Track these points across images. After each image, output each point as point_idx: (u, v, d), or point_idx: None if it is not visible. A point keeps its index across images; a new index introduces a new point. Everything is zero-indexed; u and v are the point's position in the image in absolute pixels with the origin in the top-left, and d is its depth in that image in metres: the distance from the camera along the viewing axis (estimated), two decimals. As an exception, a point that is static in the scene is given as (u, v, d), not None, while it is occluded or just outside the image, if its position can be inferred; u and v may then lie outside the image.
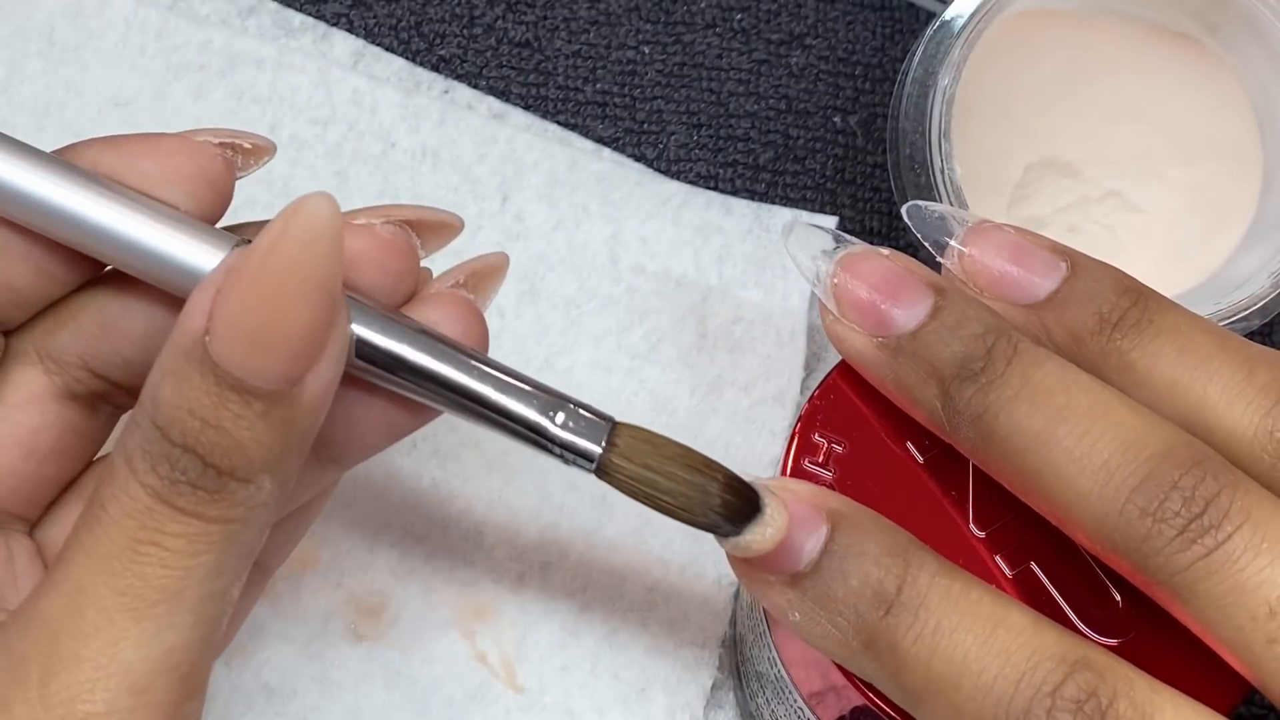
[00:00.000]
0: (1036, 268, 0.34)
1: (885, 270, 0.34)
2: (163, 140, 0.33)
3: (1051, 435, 0.32)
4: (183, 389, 0.29)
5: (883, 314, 0.34)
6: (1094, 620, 0.33)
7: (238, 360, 0.29)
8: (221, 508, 0.29)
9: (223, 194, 0.34)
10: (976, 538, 0.34)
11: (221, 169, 0.34)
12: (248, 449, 0.29)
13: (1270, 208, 0.46)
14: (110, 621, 0.29)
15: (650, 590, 0.44)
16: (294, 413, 0.30)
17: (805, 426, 0.35)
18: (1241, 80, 0.47)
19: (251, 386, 0.29)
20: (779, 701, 0.39)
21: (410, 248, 0.34)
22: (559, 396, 0.33)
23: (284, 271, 0.29)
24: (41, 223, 0.32)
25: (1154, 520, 0.31)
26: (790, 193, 0.49)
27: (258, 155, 0.35)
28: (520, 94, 0.49)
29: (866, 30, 0.50)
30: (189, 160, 0.33)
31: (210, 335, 0.29)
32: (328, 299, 0.29)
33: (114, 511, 0.29)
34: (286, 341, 0.29)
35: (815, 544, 0.32)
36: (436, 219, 0.35)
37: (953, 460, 0.35)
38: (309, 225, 0.29)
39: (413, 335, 0.32)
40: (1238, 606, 0.30)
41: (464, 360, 0.32)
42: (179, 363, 0.29)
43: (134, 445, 0.29)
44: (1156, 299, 0.34)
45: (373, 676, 0.43)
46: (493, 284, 0.36)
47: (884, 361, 0.34)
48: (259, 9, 0.48)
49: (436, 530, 0.44)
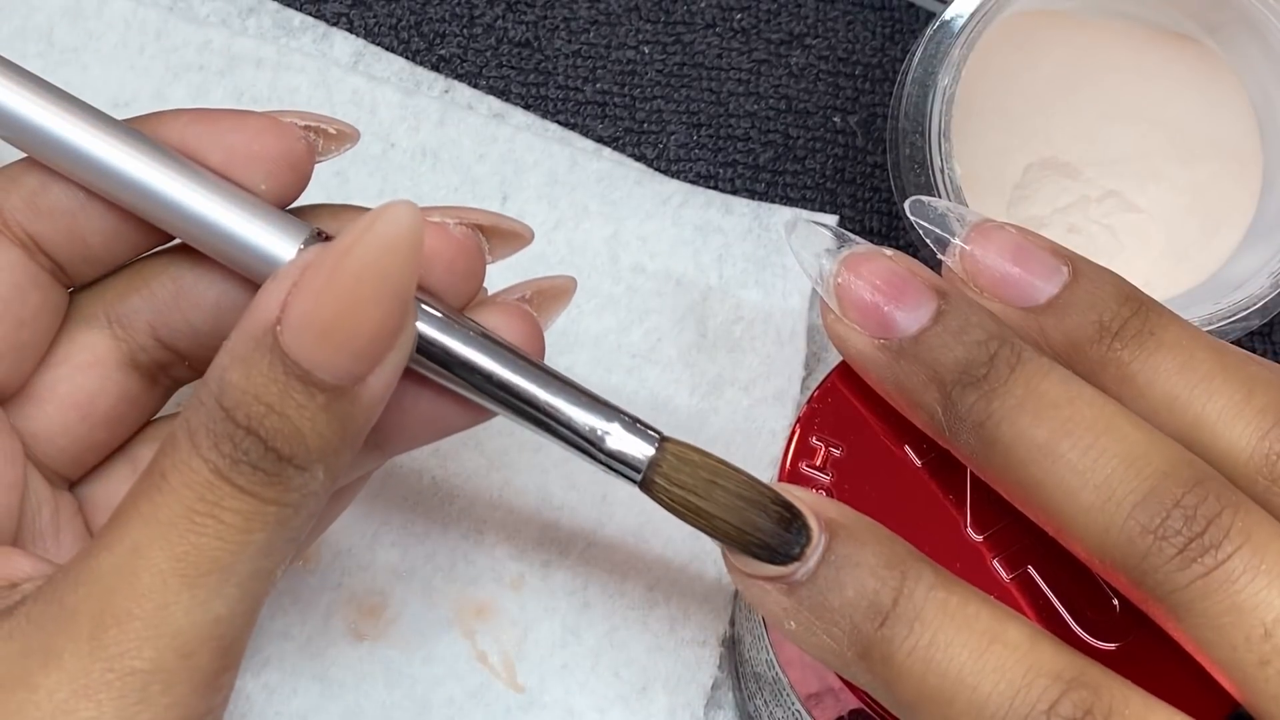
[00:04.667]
0: (1038, 271, 0.34)
1: (889, 271, 0.34)
2: (250, 118, 0.34)
3: (1055, 447, 0.31)
4: (251, 374, 0.30)
5: (885, 315, 0.34)
6: (1091, 624, 0.33)
7: (307, 352, 0.29)
8: (277, 490, 0.30)
9: (302, 176, 0.35)
10: (974, 541, 0.34)
11: (304, 151, 0.35)
12: (307, 438, 0.30)
13: (1270, 208, 0.46)
14: (164, 584, 0.30)
15: (650, 589, 0.44)
16: (354, 408, 0.30)
17: (803, 430, 0.35)
18: (1241, 80, 0.47)
19: (317, 379, 0.30)
20: (776, 703, 0.39)
21: (479, 250, 0.35)
22: (613, 409, 0.33)
23: (361, 273, 0.29)
24: (121, 195, 0.33)
25: (1155, 537, 0.31)
26: (790, 192, 0.49)
27: (340, 141, 0.35)
28: (520, 94, 0.49)
29: (866, 30, 0.50)
30: (275, 140, 0.34)
31: (282, 326, 0.30)
32: (400, 304, 0.30)
33: (175, 482, 0.30)
34: (356, 340, 0.30)
35: (813, 550, 0.31)
36: (509, 227, 0.36)
37: (951, 464, 0.34)
38: (390, 232, 0.29)
39: (473, 337, 0.33)
40: (1234, 627, 0.30)
41: (520, 364, 0.33)
42: (249, 349, 0.30)
43: (198, 422, 0.30)
44: (1157, 310, 0.34)
45: (373, 675, 0.44)
46: (559, 305, 0.37)
47: (885, 364, 0.34)
48: (259, 9, 0.48)
49: (436, 530, 0.45)
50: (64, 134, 0.33)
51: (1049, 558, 0.34)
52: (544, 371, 0.33)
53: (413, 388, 0.34)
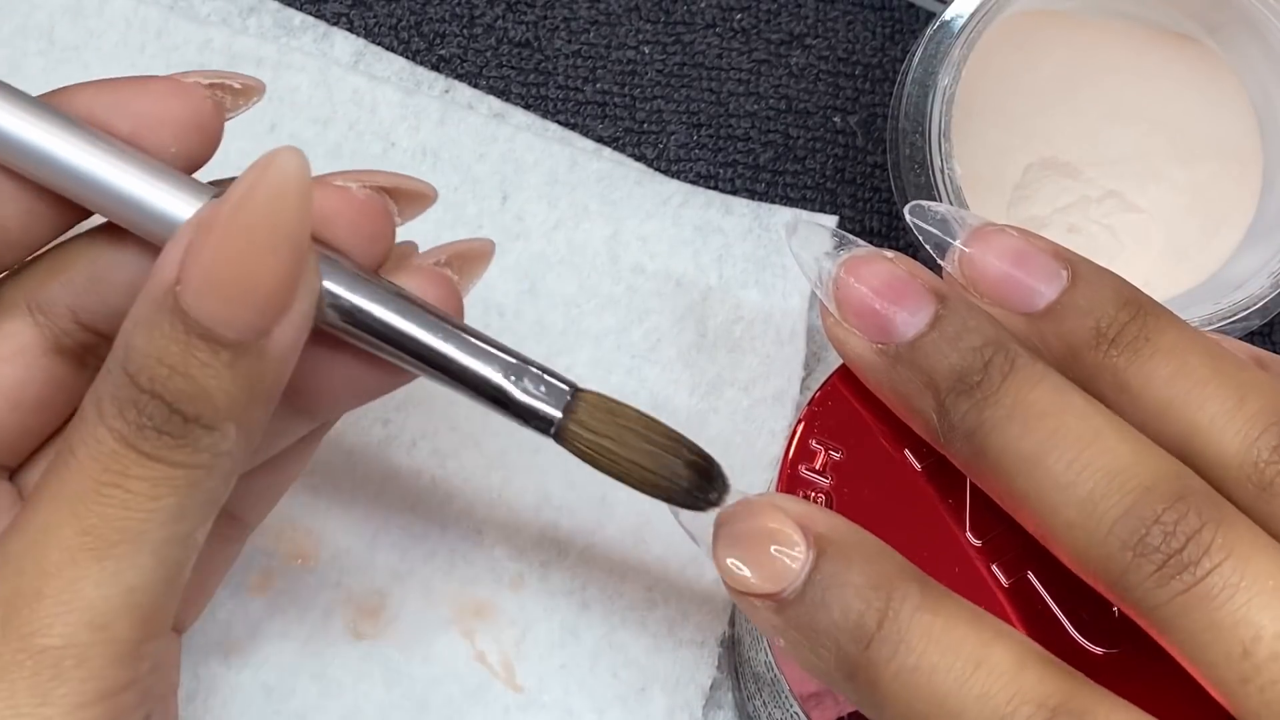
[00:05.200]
0: (1037, 275, 0.34)
1: (888, 274, 0.34)
2: (152, 83, 0.34)
3: (1040, 460, 0.31)
4: (153, 337, 0.30)
5: (883, 320, 0.34)
6: (1090, 630, 0.33)
7: (206, 310, 0.29)
8: (185, 453, 0.30)
9: (212, 136, 0.34)
10: (973, 546, 0.34)
11: (211, 111, 0.34)
12: (214, 397, 0.30)
13: (1270, 208, 0.46)
14: (72, 560, 0.30)
15: (650, 589, 0.44)
16: (261, 363, 0.30)
17: (803, 432, 0.35)
18: (1241, 80, 0.47)
19: (219, 336, 0.30)
20: (775, 703, 0.39)
21: (385, 211, 0.34)
22: (523, 360, 0.33)
23: (253, 224, 0.29)
24: (27, 167, 0.33)
25: (1134, 554, 0.30)
26: (790, 193, 0.49)
27: (247, 95, 0.35)
28: (520, 94, 0.49)
29: (866, 30, 0.50)
30: (179, 103, 0.34)
31: (181, 285, 0.29)
32: (296, 252, 0.30)
33: (81, 455, 0.30)
34: (255, 293, 0.30)
35: (801, 569, 0.31)
36: (412, 187, 0.35)
37: (951, 468, 0.34)
38: (278, 179, 0.29)
39: (381, 294, 0.33)
40: (1213, 645, 0.30)
41: (429, 319, 0.33)
42: (150, 311, 0.30)
43: (104, 391, 0.30)
44: (1155, 313, 0.33)
45: (372, 675, 0.44)
46: (477, 268, 0.36)
47: (882, 369, 0.34)
48: (259, 8, 0.48)
49: (436, 530, 0.45)
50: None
51: (1048, 563, 0.33)
52: (453, 326, 0.33)
53: (327, 350, 0.34)
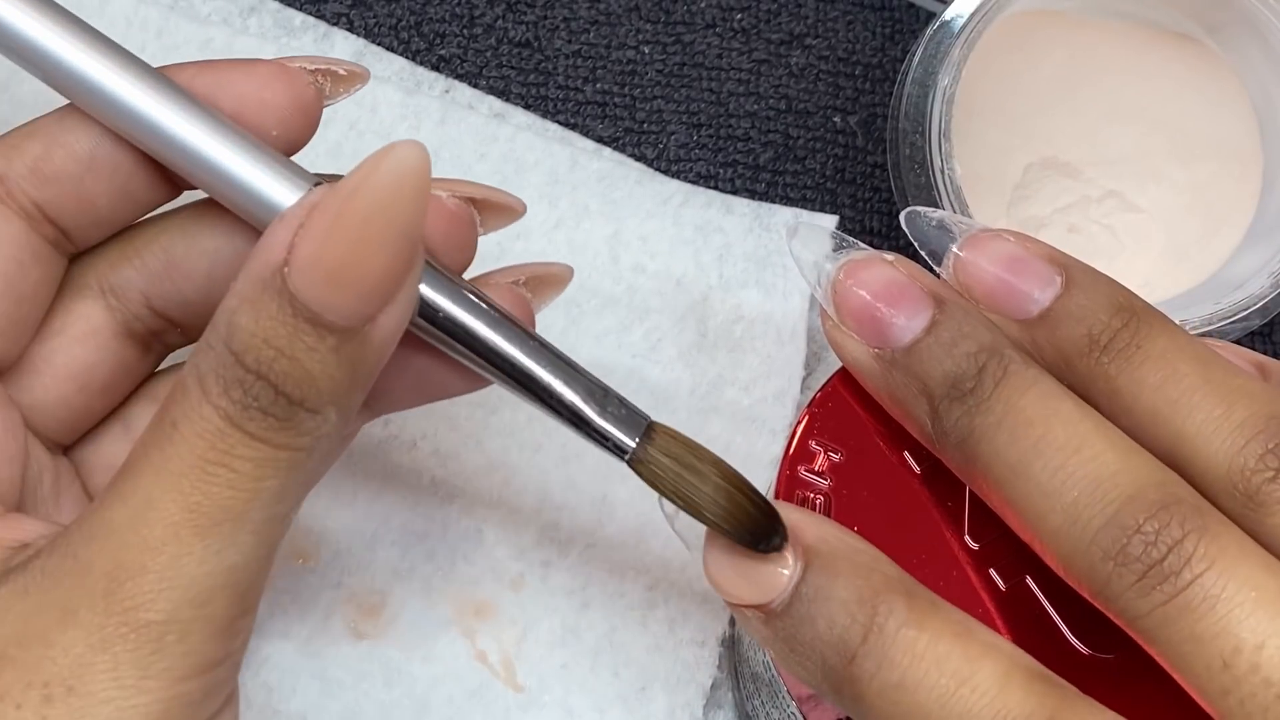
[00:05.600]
0: (1031, 281, 0.34)
1: (887, 278, 0.34)
2: (259, 65, 0.34)
3: (1027, 469, 0.31)
4: (259, 317, 0.30)
5: (880, 324, 0.34)
6: (1087, 634, 0.33)
7: (316, 294, 0.29)
8: (289, 435, 0.30)
9: (312, 120, 0.35)
10: (971, 550, 0.34)
11: (313, 96, 0.35)
12: (318, 381, 0.30)
13: (1270, 208, 0.46)
14: (177, 536, 0.30)
15: (650, 589, 0.45)
16: (364, 350, 0.30)
17: (803, 434, 0.35)
18: (1241, 80, 0.47)
19: (327, 321, 0.30)
20: (774, 704, 0.39)
21: (472, 222, 0.35)
22: (605, 387, 0.33)
23: (368, 212, 0.29)
24: (136, 133, 0.33)
25: (1115, 564, 0.30)
26: (790, 193, 0.49)
27: (350, 82, 0.36)
28: (520, 94, 0.49)
29: (866, 30, 0.50)
30: (284, 87, 0.34)
31: (290, 268, 0.29)
32: (409, 243, 0.30)
33: (185, 431, 0.30)
34: (365, 281, 0.30)
35: (788, 581, 0.32)
36: (501, 200, 0.36)
37: (949, 472, 0.34)
38: (397, 170, 0.29)
39: (473, 303, 0.33)
40: (1194, 656, 0.30)
41: (516, 332, 0.33)
42: (257, 291, 0.30)
43: (207, 367, 0.30)
44: (1149, 319, 0.33)
45: (372, 675, 0.44)
46: (552, 291, 0.37)
47: (879, 373, 0.34)
48: (260, 8, 0.48)
49: (436, 529, 0.45)
50: (85, 70, 0.33)
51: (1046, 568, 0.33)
52: (540, 344, 0.33)
53: (406, 348, 0.34)
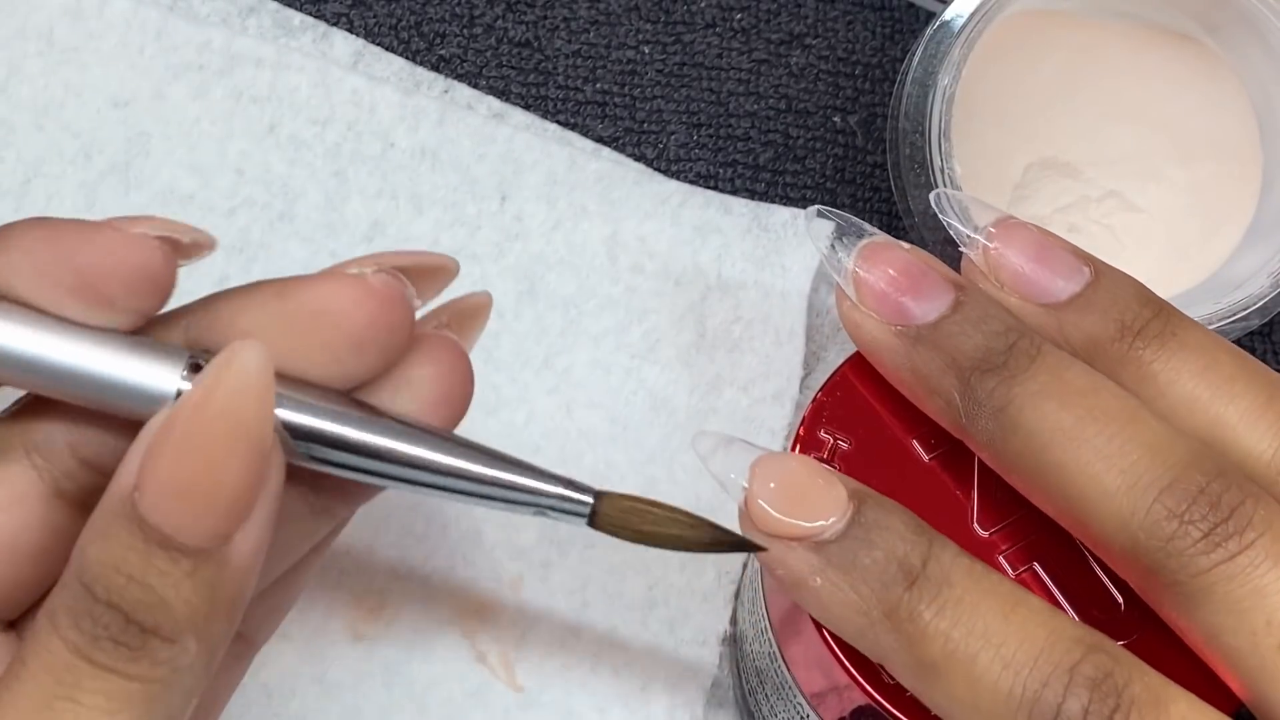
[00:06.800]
0: (1060, 269, 0.35)
1: (908, 261, 0.35)
2: (100, 233, 0.32)
3: (1081, 433, 0.32)
4: (110, 546, 0.29)
5: (904, 303, 0.34)
6: (1095, 623, 0.33)
7: (165, 515, 0.28)
8: (143, 666, 0.29)
9: (163, 289, 0.32)
10: (980, 538, 0.34)
11: (161, 263, 0.32)
12: (173, 607, 0.29)
13: (1270, 208, 0.46)
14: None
15: (650, 589, 0.44)
16: (222, 572, 0.29)
17: (811, 421, 0.35)
18: (1241, 80, 0.47)
19: (179, 543, 0.28)
20: (779, 700, 0.39)
21: (404, 298, 0.33)
22: (538, 489, 0.33)
23: (212, 426, 0.28)
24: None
25: (1180, 521, 0.31)
26: (790, 192, 0.49)
27: (197, 250, 0.33)
28: (520, 94, 0.49)
29: (866, 30, 0.50)
30: (129, 254, 0.31)
31: (139, 491, 0.28)
32: (257, 454, 0.29)
33: (33, 667, 0.29)
34: (215, 497, 0.29)
35: (842, 510, 0.32)
36: (431, 263, 0.34)
37: (959, 460, 0.35)
38: (237, 378, 0.29)
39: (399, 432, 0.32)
40: (1255, 611, 0.31)
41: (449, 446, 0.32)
42: (108, 521, 0.29)
43: (58, 603, 0.29)
44: (1178, 314, 0.34)
45: (372, 676, 0.43)
46: (478, 323, 0.35)
47: (901, 350, 0.34)
48: (259, 9, 0.48)
49: (436, 530, 0.44)
50: None
51: (1055, 555, 0.34)
52: (471, 461, 0.32)
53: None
